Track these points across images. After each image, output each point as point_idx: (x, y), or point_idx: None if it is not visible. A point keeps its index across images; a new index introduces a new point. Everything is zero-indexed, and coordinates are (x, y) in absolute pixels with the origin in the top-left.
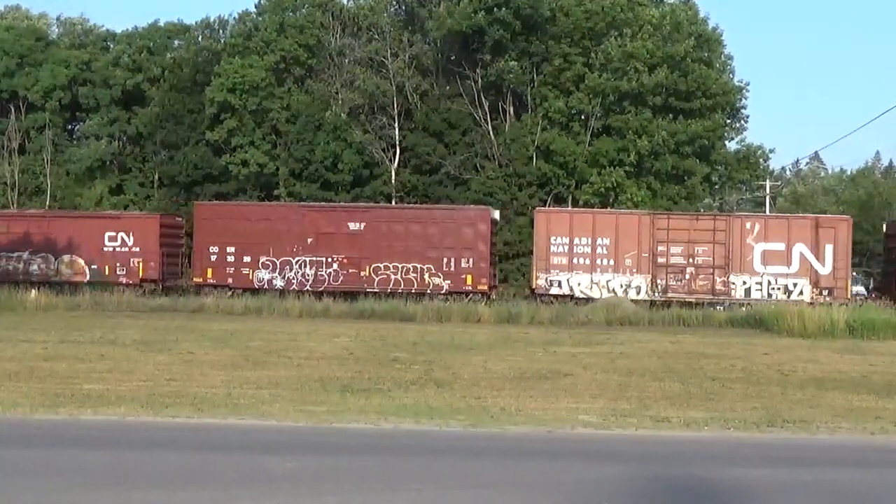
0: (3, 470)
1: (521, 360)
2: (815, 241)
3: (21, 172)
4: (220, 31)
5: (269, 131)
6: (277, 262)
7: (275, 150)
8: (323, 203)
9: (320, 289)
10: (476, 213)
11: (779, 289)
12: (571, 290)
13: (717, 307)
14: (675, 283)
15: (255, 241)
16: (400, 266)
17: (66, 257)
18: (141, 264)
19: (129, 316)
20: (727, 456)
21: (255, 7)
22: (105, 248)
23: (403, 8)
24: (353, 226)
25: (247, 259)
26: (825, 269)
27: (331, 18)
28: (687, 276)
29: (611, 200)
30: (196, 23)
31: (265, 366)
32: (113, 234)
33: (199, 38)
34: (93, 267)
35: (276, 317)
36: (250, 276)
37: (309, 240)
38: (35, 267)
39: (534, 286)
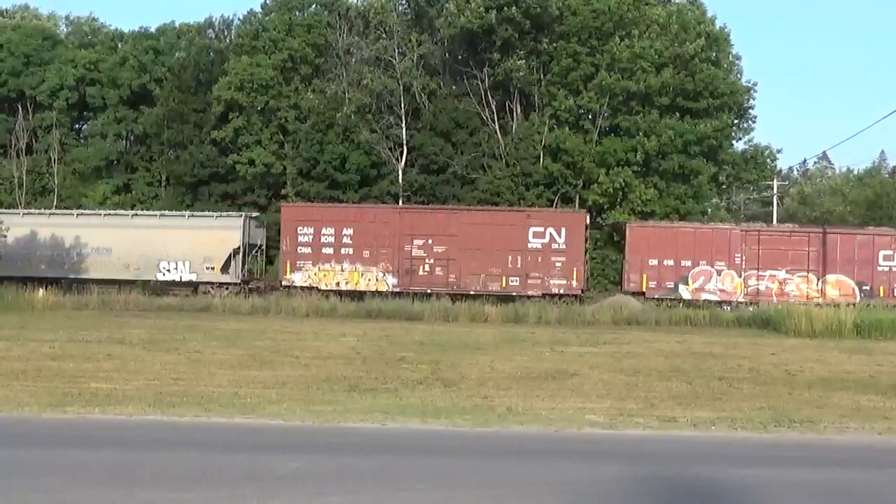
0: (11, 469)
1: (528, 359)
2: None
3: (28, 172)
4: (224, 32)
5: (276, 130)
6: None
7: (282, 149)
8: None
9: None
10: None
11: None
12: None
13: None
14: None
15: None
16: None
17: (830, 277)
18: None
19: (136, 315)
20: (734, 456)
21: (262, 7)
22: (879, 268)
23: (412, 7)
24: None
25: None
26: None
27: (337, 18)
28: None
29: (618, 200)
30: (200, 22)
31: (272, 365)
32: (889, 252)
33: (209, 35)
34: (864, 287)
35: (283, 316)
36: None
37: None
38: (792, 287)
39: None
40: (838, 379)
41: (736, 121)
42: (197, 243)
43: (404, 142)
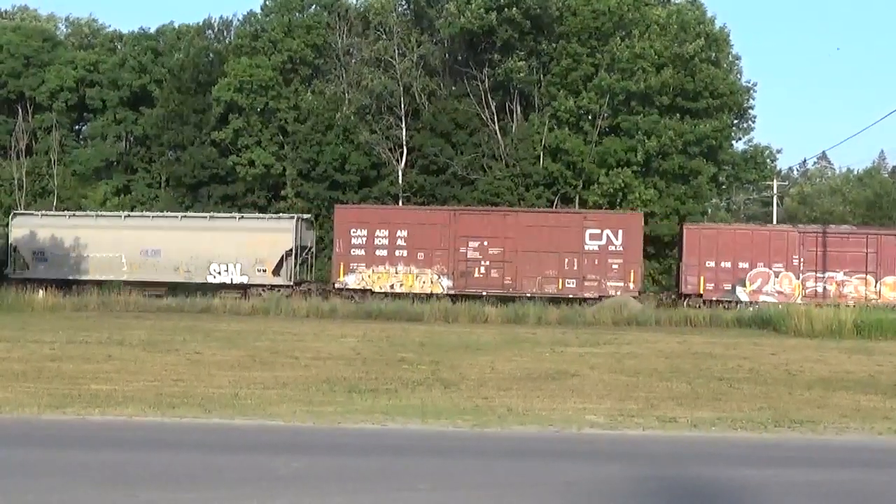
0: (11, 470)
1: (528, 360)
2: None
3: (27, 173)
4: (224, 33)
5: (276, 132)
6: None
7: (281, 150)
8: None
9: None
10: None
11: None
12: None
13: None
14: None
15: None
16: None
17: (888, 279)
18: None
19: (136, 316)
20: (734, 456)
21: (261, 8)
22: None
23: (411, 7)
24: None
25: None
26: None
27: (337, 18)
28: None
29: (618, 201)
30: (199, 23)
31: (272, 366)
32: None
33: (208, 35)
34: None
35: (283, 317)
36: None
37: None
38: (850, 289)
39: None
40: (838, 379)
41: (736, 121)
42: (248, 245)
43: (404, 142)
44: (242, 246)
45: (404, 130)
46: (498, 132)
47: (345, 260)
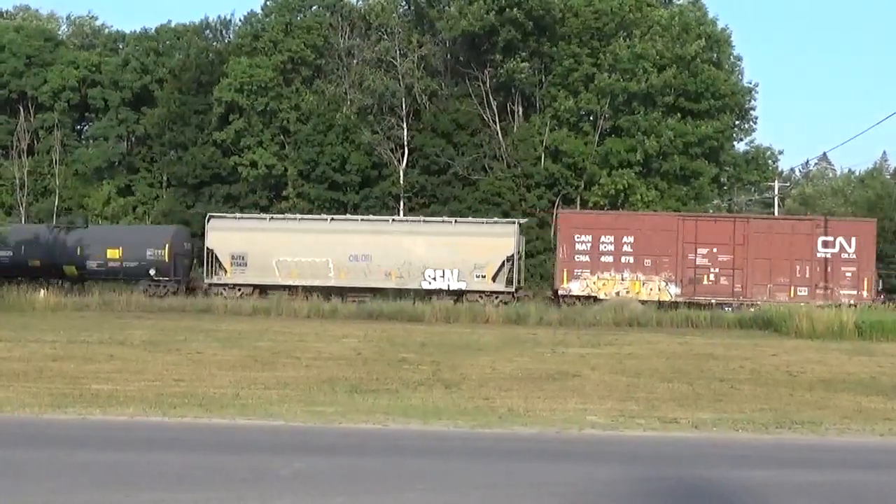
0: (12, 470)
1: (529, 360)
2: None
3: (29, 173)
4: (223, 32)
5: (277, 132)
6: None
7: (283, 150)
8: None
9: None
10: None
11: None
12: None
13: None
14: None
15: None
16: None
17: None
18: None
19: (137, 316)
20: (735, 457)
21: (262, 8)
22: None
23: (413, 8)
24: None
25: None
26: None
27: (339, 19)
28: None
29: (620, 202)
30: (199, 22)
31: (273, 366)
32: None
33: (208, 36)
34: None
35: (285, 317)
36: None
37: None
38: None
39: None
40: (839, 380)
41: (737, 122)
42: (465, 250)
43: (405, 143)
44: (459, 251)
45: (405, 131)
46: (499, 133)
47: (568, 266)
